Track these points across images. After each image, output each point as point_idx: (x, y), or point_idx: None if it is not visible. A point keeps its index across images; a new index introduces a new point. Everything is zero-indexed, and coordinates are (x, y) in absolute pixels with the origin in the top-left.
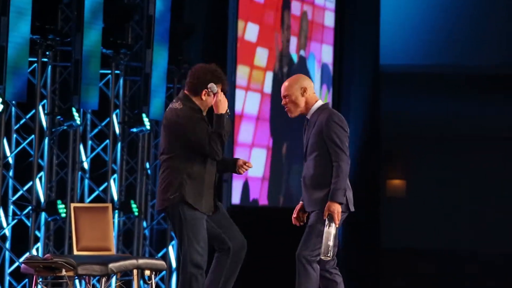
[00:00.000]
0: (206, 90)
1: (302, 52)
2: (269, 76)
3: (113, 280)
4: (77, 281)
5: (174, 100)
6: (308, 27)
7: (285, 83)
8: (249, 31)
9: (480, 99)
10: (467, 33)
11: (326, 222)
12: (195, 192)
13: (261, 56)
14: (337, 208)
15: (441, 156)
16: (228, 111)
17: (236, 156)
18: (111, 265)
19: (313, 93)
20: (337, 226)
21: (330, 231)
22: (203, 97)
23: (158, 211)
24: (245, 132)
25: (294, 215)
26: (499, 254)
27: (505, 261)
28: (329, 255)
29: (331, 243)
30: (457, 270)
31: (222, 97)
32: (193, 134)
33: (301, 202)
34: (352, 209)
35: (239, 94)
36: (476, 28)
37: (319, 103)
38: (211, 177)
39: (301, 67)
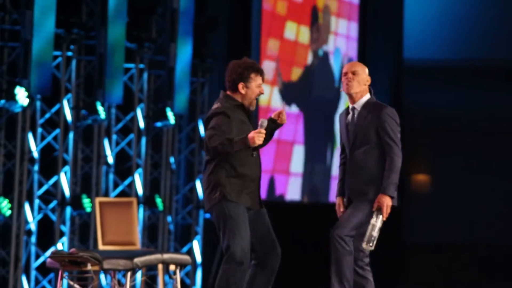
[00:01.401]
0: (242, 83)
1: (326, 47)
2: (297, 71)
3: (139, 274)
4: (102, 276)
5: (214, 102)
6: (330, 21)
7: (358, 63)
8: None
9: (504, 92)
10: (490, 27)
11: (375, 213)
12: (237, 189)
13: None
14: (387, 201)
15: (465, 150)
16: (254, 152)
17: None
18: (136, 260)
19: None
20: (384, 219)
21: (377, 223)
22: (242, 91)
23: (206, 212)
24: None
25: (340, 212)
26: None
27: None
28: (371, 245)
29: (375, 234)
30: (482, 263)
31: (259, 135)
32: (210, 130)
33: (339, 197)
34: (395, 204)
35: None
36: (499, 21)
37: (368, 96)
38: (253, 172)
39: (325, 62)
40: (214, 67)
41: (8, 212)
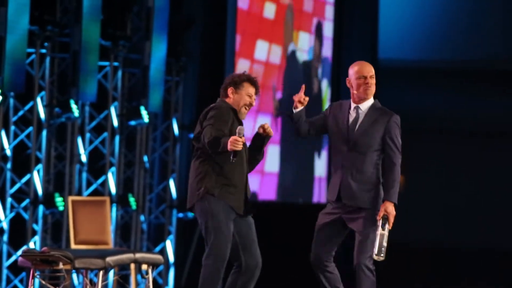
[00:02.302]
0: (232, 88)
1: (299, 46)
2: (271, 68)
3: (111, 274)
4: (74, 275)
5: None
6: (296, 20)
7: (371, 65)
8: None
9: (478, 93)
10: (464, 28)
11: (381, 222)
12: (221, 187)
13: (261, 49)
14: (393, 210)
15: (440, 150)
16: (233, 158)
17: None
18: (108, 259)
19: None
20: (390, 227)
21: (385, 233)
22: (231, 95)
23: (189, 208)
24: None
25: None
26: (500, 248)
27: (505, 257)
28: (382, 255)
29: (385, 243)
30: (456, 264)
31: (235, 143)
32: (206, 126)
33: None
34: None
35: None
36: (473, 22)
37: (372, 99)
38: (241, 176)
39: (293, 61)
40: (188, 66)
41: None
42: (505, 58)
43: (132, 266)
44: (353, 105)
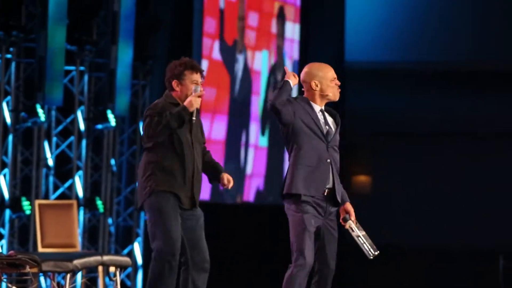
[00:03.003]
0: (176, 80)
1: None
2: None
3: (79, 277)
4: (42, 278)
5: None
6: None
7: None
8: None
9: (445, 95)
10: (433, 30)
11: (353, 224)
12: (168, 183)
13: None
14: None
15: (407, 152)
16: (194, 114)
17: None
18: (75, 262)
19: None
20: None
21: (361, 232)
22: (177, 88)
23: (139, 209)
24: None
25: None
26: (465, 249)
27: (471, 256)
28: (373, 252)
29: (369, 240)
30: (422, 266)
31: (195, 99)
32: (145, 121)
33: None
34: None
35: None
36: (441, 25)
37: None
38: (188, 170)
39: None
40: (155, 69)
41: None
42: (475, 59)
43: (100, 268)
44: (316, 106)
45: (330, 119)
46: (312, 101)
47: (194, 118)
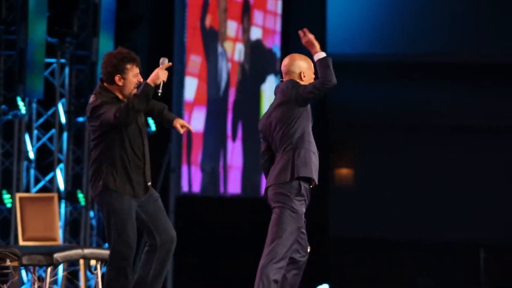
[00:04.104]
0: (119, 75)
1: (255, 41)
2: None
3: (60, 270)
4: (24, 272)
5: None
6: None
7: None
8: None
9: (427, 87)
10: (414, 22)
11: None
12: (120, 178)
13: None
14: None
15: (389, 145)
16: (160, 87)
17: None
18: (56, 255)
19: None
20: None
21: None
22: (119, 83)
23: (94, 201)
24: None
25: None
26: (446, 242)
27: (452, 249)
28: None
29: None
30: (405, 258)
31: (163, 72)
32: (101, 116)
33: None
34: None
35: (189, 81)
36: (423, 16)
37: None
38: (136, 158)
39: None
40: None
41: None
42: (456, 51)
43: (81, 262)
44: None
45: None
46: None
47: (160, 91)
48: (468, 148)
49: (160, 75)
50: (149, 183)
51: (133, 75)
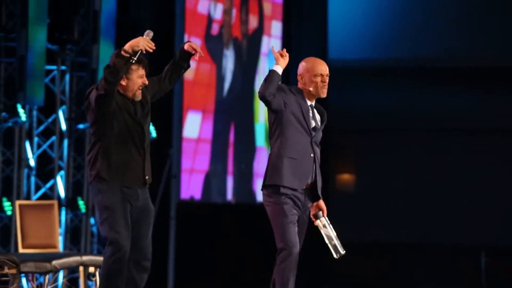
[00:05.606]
0: (124, 75)
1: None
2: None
3: (61, 277)
4: (24, 280)
5: None
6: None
7: (327, 65)
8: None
9: (429, 91)
10: (416, 27)
11: (327, 220)
12: (112, 166)
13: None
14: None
15: (390, 149)
16: (137, 55)
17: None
18: (54, 262)
19: None
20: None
21: (332, 230)
22: (123, 83)
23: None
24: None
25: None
26: (448, 245)
27: (454, 252)
28: (341, 252)
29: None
30: (407, 262)
31: (144, 40)
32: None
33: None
34: None
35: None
36: (424, 21)
37: None
38: (134, 149)
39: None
40: None
41: None
42: (459, 55)
43: (81, 269)
44: (309, 103)
45: (317, 115)
46: (304, 94)
47: (135, 58)
48: (470, 151)
49: (140, 42)
50: (147, 177)
51: (138, 76)
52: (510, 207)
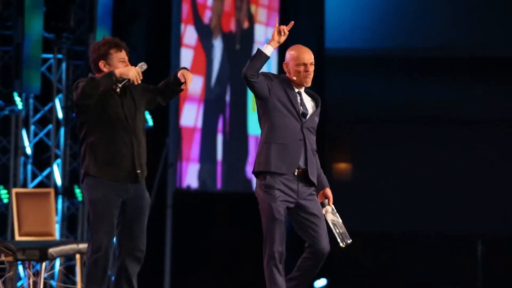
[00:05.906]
0: (103, 61)
1: (249, 33)
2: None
3: (57, 265)
4: (20, 267)
5: None
6: (253, 10)
7: (311, 53)
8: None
9: (426, 82)
10: (412, 16)
11: (331, 209)
12: (100, 161)
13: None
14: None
15: (387, 139)
16: (121, 84)
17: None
18: (50, 250)
19: None
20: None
21: (339, 219)
22: (104, 69)
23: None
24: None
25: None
26: (444, 234)
27: (450, 241)
28: (347, 241)
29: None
30: (403, 252)
31: (135, 71)
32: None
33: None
34: None
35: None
36: (420, 11)
37: None
38: (122, 142)
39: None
40: (133, 58)
41: None
42: (454, 45)
43: (77, 256)
44: (296, 90)
45: (310, 102)
46: (291, 82)
47: (119, 87)
48: (466, 141)
49: (131, 72)
50: (139, 171)
51: (118, 60)
52: (506, 197)
